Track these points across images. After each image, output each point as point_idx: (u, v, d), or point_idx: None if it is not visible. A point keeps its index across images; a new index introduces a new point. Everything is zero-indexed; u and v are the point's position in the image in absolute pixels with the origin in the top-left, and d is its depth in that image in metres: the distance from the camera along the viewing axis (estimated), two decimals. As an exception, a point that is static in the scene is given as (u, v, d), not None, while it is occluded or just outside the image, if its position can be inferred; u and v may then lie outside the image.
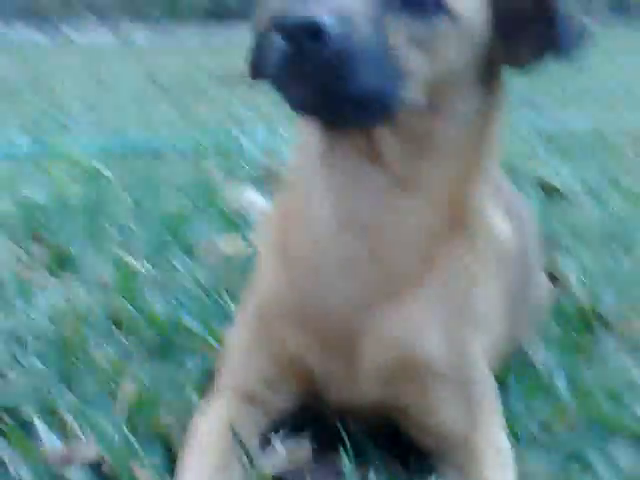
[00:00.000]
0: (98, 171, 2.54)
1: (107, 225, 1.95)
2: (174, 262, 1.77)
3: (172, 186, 2.42)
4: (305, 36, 0.77)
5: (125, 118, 3.72)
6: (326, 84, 0.80)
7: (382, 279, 0.96)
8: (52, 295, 1.53)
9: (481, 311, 1.02)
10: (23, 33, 10.15)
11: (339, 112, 0.85)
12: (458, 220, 0.99)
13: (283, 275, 1.01)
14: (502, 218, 1.08)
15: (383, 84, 0.84)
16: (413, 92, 0.87)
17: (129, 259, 1.72)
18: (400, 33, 0.86)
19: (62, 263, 1.74)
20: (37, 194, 2.09)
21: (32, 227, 1.87)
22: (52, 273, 1.68)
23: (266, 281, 1.04)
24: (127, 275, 1.63)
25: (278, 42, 0.78)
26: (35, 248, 1.78)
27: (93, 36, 10.51)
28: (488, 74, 0.97)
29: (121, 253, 1.73)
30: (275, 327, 1.02)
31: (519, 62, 0.97)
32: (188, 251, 1.84)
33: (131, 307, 1.49)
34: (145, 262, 1.76)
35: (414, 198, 0.96)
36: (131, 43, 10.38)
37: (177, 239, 1.93)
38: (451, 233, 0.99)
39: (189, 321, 1.42)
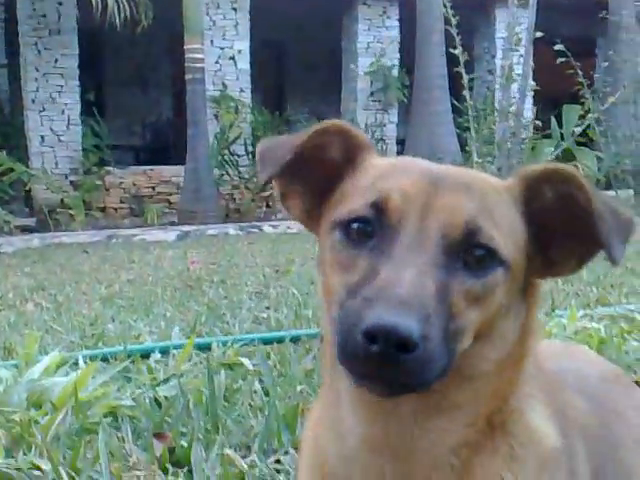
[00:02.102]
0: (239, 363, 2.65)
1: (228, 420, 2.01)
2: (283, 461, 1.79)
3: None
4: (393, 346, 0.79)
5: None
6: (406, 381, 0.82)
7: None
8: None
9: None
10: (219, 227, 11.17)
11: (409, 392, 0.87)
12: (494, 427, 0.95)
13: None
14: (547, 418, 1.00)
15: (447, 353, 0.84)
16: (466, 343, 0.88)
17: (236, 458, 1.75)
18: (461, 295, 0.87)
19: (177, 460, 1.80)
20: (168, 390, 2.21)
21: (155, 423, 1.97)
22: (164, 470, 1.75)
23: None
24: (229, 475, 1.65)
25: (366, 345, 0.80)
26: (155, 444, 1.87)
27: (283, 227, 11.29)
28: (525, 284, 0.96)
29: (230, 452, 1.77)
30: None
31: (562, 272, 0.99)
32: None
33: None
34: (256, 458, 1.80)
35: (450, 418, 0.94)
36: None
37: (295, 437, 1.93)
38: (487, 442, 0.94)
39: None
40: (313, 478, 1.02)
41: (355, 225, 0.91)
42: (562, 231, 0.96)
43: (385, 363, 0.79)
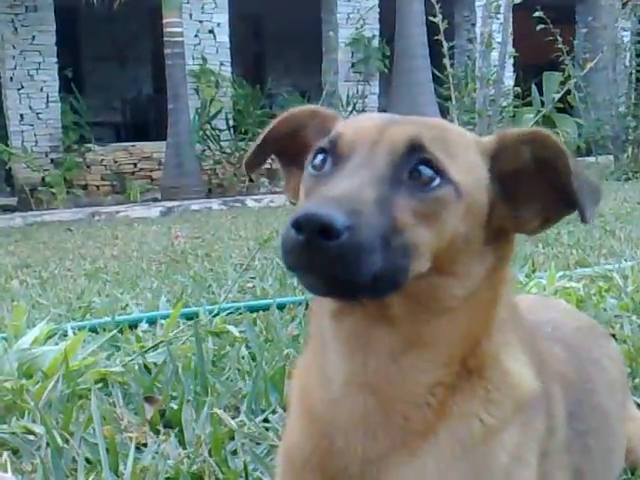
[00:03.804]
0: (226, 331, 2.69)
1: (216, 383, 2.05)
2: (271, 420, 1.84)
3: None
4: (316, 233, 0.83)
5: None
6: (336, 273, 0.85)
7: (394, 433, 0.99)
8: (146, 454, 1.63)
9: (503, 465, 0.98)
10: (202, 202, 11.15)
11: (349, 294, 0.91)
12: (470, 371, 0.99)
13: (304, 427, 1.06)
14: (524, 362, 1.05)
15: (391, 263, 0.87)
16: (420, 263, 0.91)
17: (225, 417, 1.80)
18: (407, 210, 0.90)
19: (167, 421, 1.85)
20: (157, 356, 2.25)
21: (145, 387, 2.01)
22: (156, 431, 1.79)
23: (291, 430, 1.10)
24: (219, 434, 1.69)
25: (295, 236, 0.85)
26: (146, 407, 1.91)
27: (266, 201, 11.29)
28: (497, 234, 1.00)
29: (219, 412, 1.81)
30: (300, 473, 1.06)
31: (527, 229, 1.02)
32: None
33: (214, 464, 1.57)
34: (245, 418, 1.84)
35: (424, 356, 0.98)
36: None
37: (283, 397, 1.98)
38: (463, 384, 0.99)
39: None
40: (302, 422, 1.07)
41: (318, 157, 0.99)
42: (532, 191, 1.00)
43: (311, 250, 0.84)
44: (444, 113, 12.09)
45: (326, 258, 0.84)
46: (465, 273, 0.96)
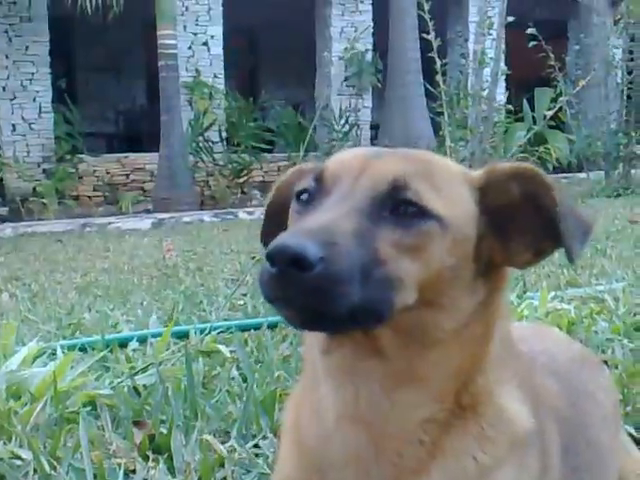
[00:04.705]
0: (217, 350, 2.67)
1: (206, 407, 2.03)
2: (262, 446, 1.82)
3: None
4: (288, 265, 0.83)
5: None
6: (311, 305, 0.85)
7: (387, 470, 0.98)
8: (134, 481, 1.61)
9: None
10: (194, 214, 11.13)
11: (328, 326, 0.91)
12: (464, 408, 0.98)
13: (296, 460, 1.05)
14: (519, 399, 1.03)
15: (373, 295, 0.87)
16: (405, 295, 0.90)
17: (215, 443, 1.78)
18: (389, 243, 0.90)
19: (157, 446, 1.82)
20: (146, 378, 2.23)
21: (134, 411, 1.99)
22: (144, 457, 1.77)
23: (283, 462, 1.09)
24: (209, 461, 1.68)
25: (268, 268, 0.85)
26: (135, 431, 1.88)
27: (258, 213, 11.30)
28: (488, 267, 0.99)
29: (209, 438, 1.80)
30: None
31: (518, 262, 1.01)
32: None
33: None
34: (235, 444, 1.82)
35: (415, 391, 0.97)
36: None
37: (274, 422, 1.96)
38: (457, 421, 0.98)
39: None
40: (294, 455, 1.06)
41: (303, 196, 1.00)
42: (522, 224, 0.99)
43: (284, 282, 0.83)
44: (436, 128, 12.12)
45: (300, 290, 0.84)
46: (454, 306, 0.95)
